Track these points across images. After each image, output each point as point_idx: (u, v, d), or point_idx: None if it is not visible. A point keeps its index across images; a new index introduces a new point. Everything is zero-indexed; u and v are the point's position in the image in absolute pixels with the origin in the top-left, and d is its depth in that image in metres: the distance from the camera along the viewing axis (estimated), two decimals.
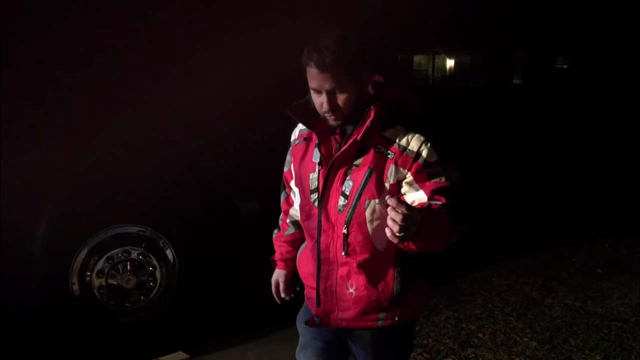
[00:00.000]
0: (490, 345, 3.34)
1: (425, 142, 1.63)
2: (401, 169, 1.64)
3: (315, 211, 1.73)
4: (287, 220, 2.03)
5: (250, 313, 3.55)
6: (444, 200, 1.59)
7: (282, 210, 2.05)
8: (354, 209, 1.66)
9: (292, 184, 1.91)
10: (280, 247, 2.06)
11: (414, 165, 1.63)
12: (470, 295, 4.03)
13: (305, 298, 1.93)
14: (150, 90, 3.30)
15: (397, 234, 1.39)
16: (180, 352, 2.53)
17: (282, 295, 2.07)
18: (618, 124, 10.83)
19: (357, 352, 1.91)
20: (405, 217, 1.38)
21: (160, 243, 3.37)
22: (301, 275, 1.92)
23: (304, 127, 1.80)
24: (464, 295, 4.02)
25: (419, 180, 1.63)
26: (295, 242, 2.02)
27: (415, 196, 1.64)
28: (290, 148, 1.89)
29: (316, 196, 1.72)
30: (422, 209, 1.49)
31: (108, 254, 3.25)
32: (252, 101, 3.61)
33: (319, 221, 1.72)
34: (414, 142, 1.63)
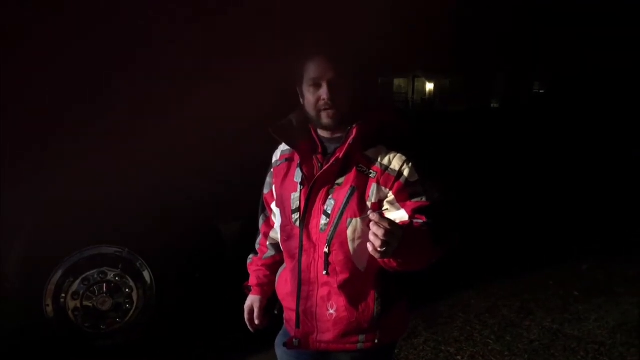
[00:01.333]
0: None
1: (406, 161, 1.65)
2: (383, 187, 1.65)
3: (297, 231, 1.73)
4: (267, 243, 2.00)
5: (228, 337, 3.51)
6: (424, 219, 1.61)
7: (262, 232, 2.01)
8: (335, 228, 1.66)
9: (274, 205, 1.90)
10: (257, 272, 2.01)
11: (396, 185, 1.64)
12: (449, 317, 4.02)
13: (284, 321, 1.91)
14: (131, 112, 3.29)
15: (379, 249, 1.40)
16: None
17: (256, 322, 1.98)
18: (592, 146, 11.02)
19: None
20: (387, 232, 1.39)
21: (138, 264, 3.33)
22: (280, 296, 1.90)
23: (286, 148, 1.81)
24: (443, 317, 4.01)
25: (400, 200, 1.64)
26: (274, 266, 1.98)
27: (397, 215, 1.65)
28: (272, 169, 1.88)
29: (297, 216, 1.72)
30: (403, 226, 1.50)
31: (84, 275, 3.21)
32: (234, 123, 3.61)
33: (300, 241, 1.72)
34: (395, 162, 1.65)
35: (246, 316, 2.01)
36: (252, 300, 2.00)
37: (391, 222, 1.41)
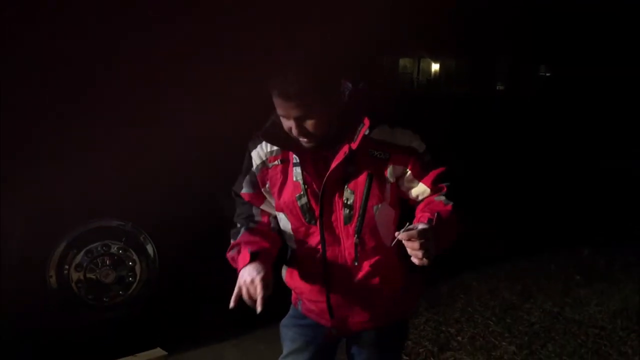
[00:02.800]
0: (469, 349, 3.35)
1: (413, 134, 1.65)
2: (398, 167, 1.65)
3: (315, 229, 1.69)
4: (270, 218, 1.85)
5: (230, 312, 3.52)
6: (445, 189, 1.64)
7: (262, 218, 1.84)
8: (362, 217, 1.64)
9: (265, 206, 1.81)
10: (259, 243, 1.73)
11: (410, 160, 1.64)
12: (450, 298, 4.03)
13: (306, 310, 1.86)
14: (138, 91, 3.29)
15: (425, 258, 1.43)
16: (159, 349, 2.49)
17: (269, 292, 1.59)
18: (598, 134, 10.99)
19: (356, 352, 1.90)
20: (421, 244, 1.42)
21: (141, 238, 3.33)
22: (297, 290, 1.85)
23: (274, 148, 1.70)
24: (444, 298, 4.03)
25: (417, 174, 1.66)
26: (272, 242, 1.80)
27: (419, 190, 1.68)
28: (255, 171, 1.75)
29: (311, 215, 1.68)
30: (429, 222, 1.50)
31: (87, 248, 3.21)
32: (238, 92, 3.59)
33: (322, 237, 1.69)
34: (404, 138, 1.64)
35: (246, 291, 1.64)
36: (258, 270, 1.62)
37: (420, 232, 1.43)
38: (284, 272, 1.88)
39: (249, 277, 1.60)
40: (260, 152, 1.73)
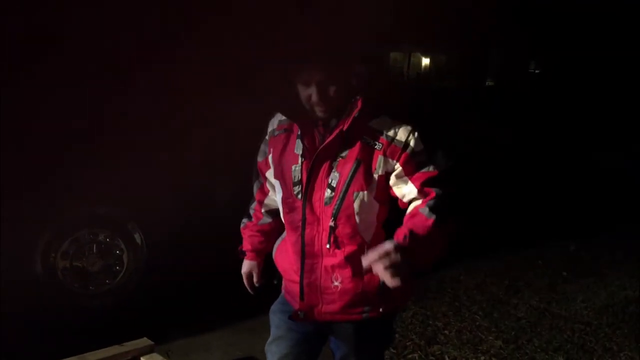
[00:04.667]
0: (456, 343, 3.36)
1: (412, 131, 1.62)
2: (390, 159, 1.62)
3: (299, 204, 1.70)
4: (263, 210, 1.97)
5: (217, 302, 3.51)
6: (433, 195, 1.59)
7: (257, 199, 1.99)
8: (341, 201, 1.64)
9: (269, 174, 1.87)
10: (252, 237, 2.00)
11: (403, 156, 1.61)
12: (438, 292, 4.04)
13: (285, 292, 1.89)
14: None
15: (395, 281, 1.43)
16: (145, 338, 2.46)
17: (257, 285, 2.03)
18: (585, 129, 11.05)
19: (336, 345, 1.90)
20: (387, 266, 1.41)
21: (129, 226, 3.30)
22: (280, 268, 1.87)
23: (283, 118, 1.76)
24: (432, 292, 4.03)
25: (408, 172, 1.62)
26: (269, 233, 1.97)
27: (406, 189, 1.64)
28: (268, 138, 1.84)
29: (299, 189, 1.69)
30: (405, 239, 1.49)
31: (74, 235, 3.17)
32: (229, 89, 3.57)
33: (304, 214, 1.69)
34: (401, 132, 1.62)
35: (245, 281, 2.03)
36: (250, 266, 2.02)
37: (384, 253, 1.42)
38: (275, 249, 1.91)
39: (244, 274, 2.03)
40: (274, 121, 1.82)
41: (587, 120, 12.92)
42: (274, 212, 1.94)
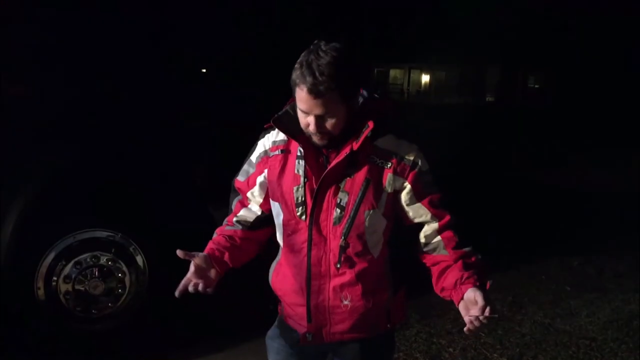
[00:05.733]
0: None
1: (419, 150, 1.67)
2: (399, 177, 1.65)
3: (303, 225, 1.69)
4: (234, 219, 1.87)
5: (221, 324, 3.49)
6: (447, 217, 1.68)
7: (234, 211, 1.88)
8: (352, 221, 1.65)
9: (250, 194, 1.83)
10: (214, 239, 1.85)
11: (411, 174, 1.65)
12: (441, 309, 4.01)
13: (286, 316, 1.85)
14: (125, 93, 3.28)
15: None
16: None
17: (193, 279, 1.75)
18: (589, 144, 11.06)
19: None
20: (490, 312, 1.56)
21: (131, 249, 3.30)
22: (280, 292, 1.84)
23: (278, 138, 1.76)
24: (435, 309, 4.01)
25: (417, 191, 1.66)
26: (231, 240, 1.82)
27: (418, 212, 1.68)
28: (255, 160, 1.81)
29: (303, 210, 1.68)
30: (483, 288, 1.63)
31: (76, 259, 3.18)
32: (228, 109, 3.58)
33: (310, 235, 1.69)
34: (409, 151, 1.66)
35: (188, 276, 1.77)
36: (199, 255, 1.76)
37: (483, 308, 1.56)
38: (271, 273, 1.87)
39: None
40: (266, 142, 1.79)
41: (591, 134, 12.97)
42: (244, 224, 1.85)
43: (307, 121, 1.60)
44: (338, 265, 1.68)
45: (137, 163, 3.29)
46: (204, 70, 4.30)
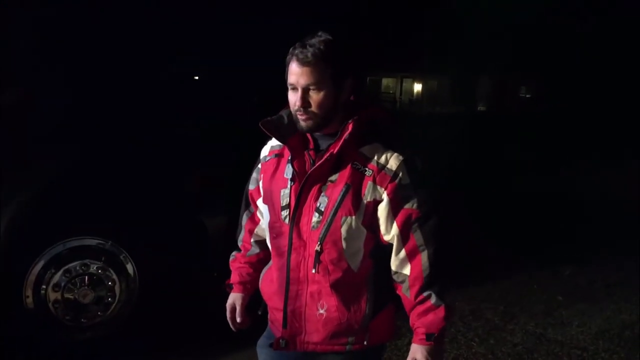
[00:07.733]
0: None
1: (403, 162, 1.63)
2: (378, 187, 1.63)
3: (286, 228, 1.69)
4: (252, 240, 1.94)
5: (212, 333, 3.46)
6: (413, 243, 1.64)
7: (246, 229, 1.95)
8: (329, 226, 1.63)
9: (260, 201, 1.85)
10: (239, 269, 1.95)
11: (390, 185, 1.63)
12: None
13: (269, 321, 1.86)
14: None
15: None
16: None
17: (238, 320, 1.92)
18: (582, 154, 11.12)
19: None
20: None
21: (121, 257, 3.28)
22: (265, 296, 1.85)
23: (275, 143, 1.77)
24: None
25: (394, 205, 1.63)
26: (258, 264, 1.93)
27: (386, 229, 1.66)
28: (259, 165, 1.85)
29: (287, 213, 1.69)
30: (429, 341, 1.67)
31: (65, 267, 3.15)
32: (221, 116, 3.58)
33: (290, 239, 1.68)
34: (392, 161, 1.63)
35: (228, 315, 1.95)
36: (234, 298, 1.94)
37: None
38: (261, 277, 1.88)
39: (228, 307, 1.95)
40: (266, 148, 1.84)
41: (583, 144, 13.02)
42: (263, 243, 1.91)
43: (294, 98, 1.61)
44: (313, 271, 1.66)
45: (128, 171, 3.26)
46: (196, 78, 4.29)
